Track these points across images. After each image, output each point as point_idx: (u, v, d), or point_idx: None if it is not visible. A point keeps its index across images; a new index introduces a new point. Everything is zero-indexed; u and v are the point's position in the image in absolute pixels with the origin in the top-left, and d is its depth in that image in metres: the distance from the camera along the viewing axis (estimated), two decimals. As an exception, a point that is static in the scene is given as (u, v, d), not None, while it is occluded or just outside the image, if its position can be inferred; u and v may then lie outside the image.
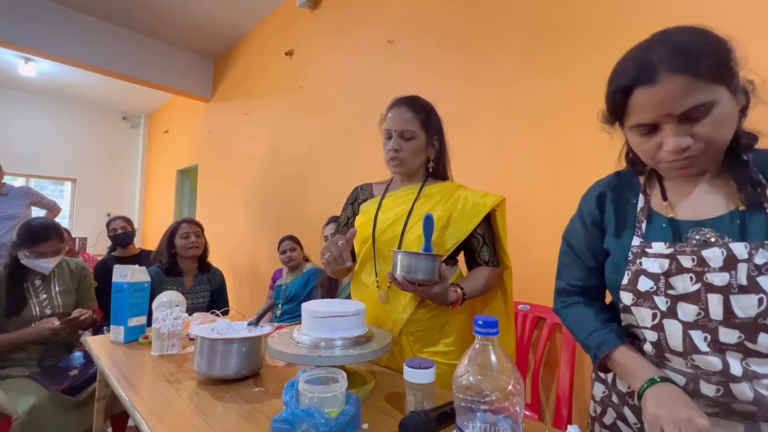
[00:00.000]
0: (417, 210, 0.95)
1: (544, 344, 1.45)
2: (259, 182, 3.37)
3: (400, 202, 0.99)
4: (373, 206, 1.01)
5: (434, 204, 0.95)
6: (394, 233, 0.94)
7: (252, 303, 3.32)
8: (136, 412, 0.71)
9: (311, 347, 0.75)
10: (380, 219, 0.97)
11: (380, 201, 1.01)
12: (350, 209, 1.10)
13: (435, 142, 1.00)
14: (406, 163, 0.97)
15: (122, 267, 1.18)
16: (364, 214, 1.02)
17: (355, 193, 1.11)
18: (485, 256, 0.97)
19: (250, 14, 3.40)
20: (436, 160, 1.02)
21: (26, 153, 5.07)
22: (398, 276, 0.80)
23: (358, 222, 1.02)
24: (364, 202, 1.07)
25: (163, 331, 1.02)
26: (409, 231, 0.93)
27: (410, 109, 0.97)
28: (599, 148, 1.41)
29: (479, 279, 0.94)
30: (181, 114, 5.01)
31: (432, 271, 0.79)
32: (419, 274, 0.79)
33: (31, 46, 3.11)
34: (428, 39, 2.06)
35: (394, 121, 0.97)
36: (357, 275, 1.03)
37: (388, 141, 0.99)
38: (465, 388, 0.40)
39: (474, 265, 0.99)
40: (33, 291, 1.48)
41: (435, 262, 0.80)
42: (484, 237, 0.97)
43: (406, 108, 0.97)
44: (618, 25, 1.39)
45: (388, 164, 1.00)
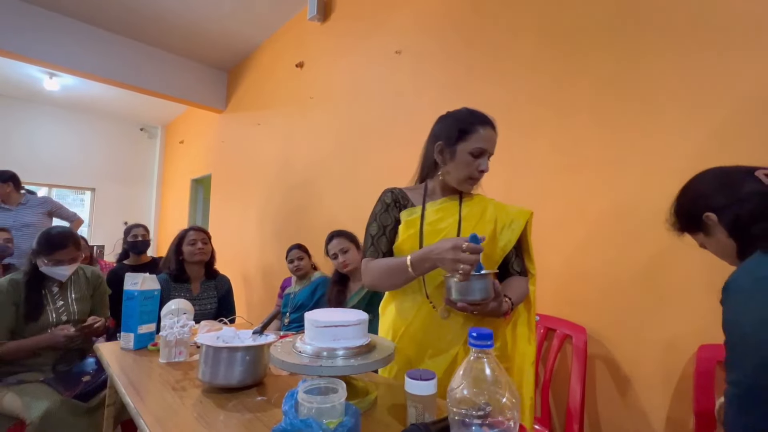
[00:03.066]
0: (466, 222, 0.94)
1: (554, 356, 1.41)
2: (270, 191, 3.42)
3: (444, 215, 0.96)
4: (415, 218, 0.96)
5: (479, 219, 0.95)
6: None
7: (262, 311, 3.34)
8: (140, 419, 0.72)
9: (313, 357, 0.75)
10: (427, 232, 0.93)
11: (422, 213, 0.97)
12: (395, 210, 1.00)
13: None
14: (480, 182, 0.98)
15: (133, 275, 1.21)
16: (408, 226, 0.96)
17: (392, 195, 1.01)
18: (517, 266, 1.00)
19: (262, 28, 3.49)
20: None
21: (49, 163, 5.26)
22: (455, 300, 0.81)
23: (403, 235, 0.96)
24: (404, 208, 1.00)
25: (170, 339, 1.04)
26: None
27: (496, 131, 0.95)
28: (607, 153, 1.40)
29: (520, 287, 0.95)
30: (195, 125, 5.14)
31: (488, 290, 0.80)
32: (476, 294, 0.80)
33: (56, 61, 3.26)
34: (435, 49, 2.08)
35: (490, 142, 0.93)
36: (401, 292, 0.98)
37: (473, 159, 0.92)
38: (458, 401, 0.40)
39: (506, 275, 1.00)
40: (50, 298, 1.53)
41: (489, 281, 0.81)
42: (516, 248, 0.99)
43: (493, 130, 0.95)
44: (624, 29, 1.38)
45: (466, 180, 0.95)
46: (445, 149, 0.95)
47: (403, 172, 2.16)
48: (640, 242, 1.30)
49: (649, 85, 1.31)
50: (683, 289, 1.20)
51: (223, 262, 2.18)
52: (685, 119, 1.23)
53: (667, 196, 1.26)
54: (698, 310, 1.17)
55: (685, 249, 1.16)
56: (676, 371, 1.20)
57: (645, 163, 1.31)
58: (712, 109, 1.18)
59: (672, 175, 1.24)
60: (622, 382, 1.31)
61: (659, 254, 1.25)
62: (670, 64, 1.27)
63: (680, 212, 0.85)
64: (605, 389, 1.35)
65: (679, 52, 1.26)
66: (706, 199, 0.80)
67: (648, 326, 1.26)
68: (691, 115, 1.22)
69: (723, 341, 0.69)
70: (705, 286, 1.15)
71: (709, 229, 0.80)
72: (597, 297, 1.39)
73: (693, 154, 1.20)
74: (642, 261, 1.29)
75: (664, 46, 1.29)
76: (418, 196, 1.01)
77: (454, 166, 0.94)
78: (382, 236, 0.98)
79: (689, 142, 1.22)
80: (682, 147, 1.23)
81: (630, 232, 1.32)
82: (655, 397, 1.24)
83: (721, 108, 1.17)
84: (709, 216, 0.78)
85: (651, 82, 1.31)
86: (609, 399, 1.34)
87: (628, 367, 1.31)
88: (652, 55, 1.31)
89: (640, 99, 1.33)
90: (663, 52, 1.29)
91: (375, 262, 0.95)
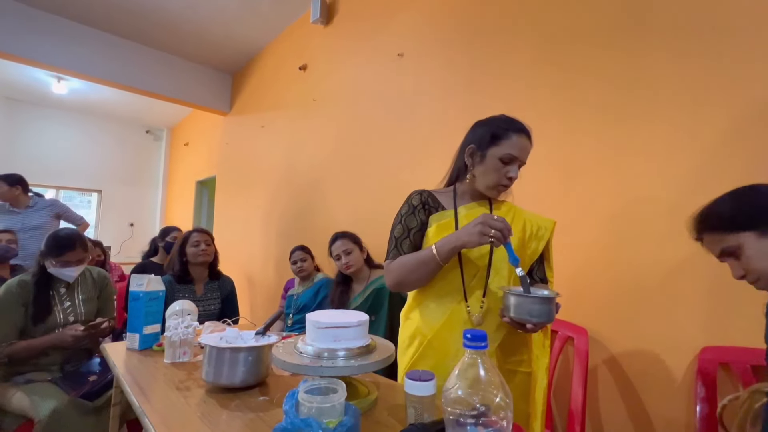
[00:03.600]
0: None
1: (556, 358, 1.42)
2: (274, 193, 3.44)
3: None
4: (449, 221, 0.94)
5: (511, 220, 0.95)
6: (481, 251, 0.91)
7: (265, 312, 3.36)
8: (145, 418, 0.74)
9: (314, 357, 0.76)
10: None
11: (455, 215, 0.95)
12: (422, 213, 0.97)
13: None
14: (509, 189, 0.96)
15: (138, 276, 1.23)
16: (440, 229, 0.93)
17: (420, 198, 0.98)
18: (539, 274, 1.00)
19: (266, 31, 3.52)
20: None
21: (57, 166, 5.34)
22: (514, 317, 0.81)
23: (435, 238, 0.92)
24: (433, 211, 0.98)
25: (175, 340, 1.06)
26: (498, 249, 0.90)
27: (530, 140, 0.93)
28: (611, 155, 1.40)
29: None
30: (200, 127, 5.19)
31: (550, 314, 0.80)
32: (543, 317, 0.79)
33: (63, 65, 3.31)
34: (438, 51, 2.09)
35: (523, 151, 0.91)
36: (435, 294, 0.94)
37: (503, 165, 0.90)
38: (453, 401, 0.41)
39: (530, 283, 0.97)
40: (58, 299, 1.55)
41: (551, 306, 0.81)
42: (542, 257, 1.00)
43: (528, 139, 0.93)
44: (627, 29, 1.38)
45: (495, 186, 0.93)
46: (476, 153, 0.94)
47: (406, 173, 2.18)
48: (643, 244, 1.30)
49: (655, 85, 1.31)
50: (686, 290, 1.20)
51: (227, 264, 2.20)
52: (692, 120, 1.23)
53: (671, 196, 1.26)
54: (701, 311, 1.17)
55: (688, 250, 1.17)
56: (679, 373, 1.20)
57: (649, 164, 1.31)
58: (718, 108, 1.18)
59: (677, 176, 1.25)
60: (624, 384, 1.31)
61: (662, 255, 1.25)
62: (675, 64, 1.27)
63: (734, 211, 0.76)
64: (607, 391, 1.35)
65: (683, 52, 1.26)
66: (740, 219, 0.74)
67: (650, 328, 1.26)
68: (697, 116, 1.22)
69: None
70: (708, 287, 1.15)
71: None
72: (598, 298, 1.39)
73: (700, 155, 1.20)
74: (644, 262, 1.29)
75: (669, 45, 1.29)
76: (448, 199, 0.99)
77: (484, 170, 0.92)
78: (406, 239, 0.96)
79: (696, 142, 1.21)
80: (689, 147, 1.23)
81: (633, 233, 1.32)
82: (658, 399, 1.24)
83: (727, 108, 1.16)
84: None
85: (656, 81, 1.31)
86: (611, 401, 1.34)
87: (630, 369, 1.30)
88: (656, 54, 1.31)
89: (645, 99, 1.33)
90: (668, 51, 1.29)
91: (397, 260, 0.93)
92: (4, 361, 1.40)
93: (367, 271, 1.77)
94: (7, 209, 2.79)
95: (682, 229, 1.21)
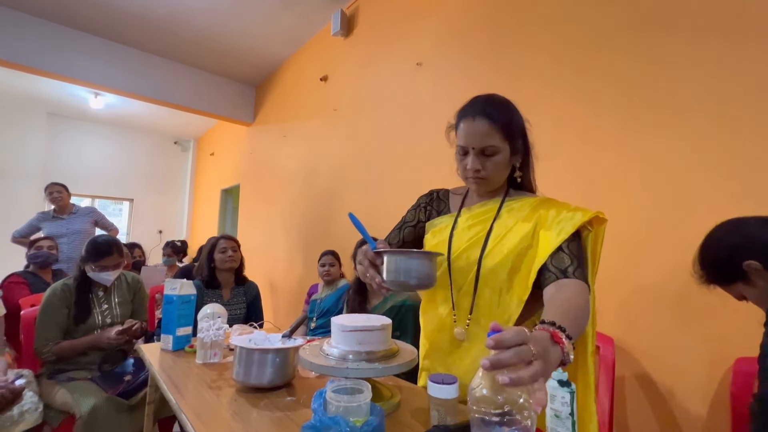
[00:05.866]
0: (496, 231, 0.81)
1: (581, 367, 1.39)
2: (296, 200, 3.53)
3: (476, 221, 0.85)
4: (447, 225, 0.88)
5: (515, 223, 0.80)
6: (470, 259, 0.81)
7: (287, 317, 3.43)
8: (182, 414, 0.78)
9: (339, 359, 0.79)
10: (455, 241, 0.84)
11: (455, 219, 0.88)
12: (422, 212, 0.95)
13: (520, 147, 0.83)
14: (491, 181, 0.82)
15: (172, 281, 1.30)
16: (435, 235, 0.89)
17: (429, 197, 0.96)
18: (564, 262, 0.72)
19: (289, 44, 3.65)
20: (523, 166, 0.85)
21: (92, 176, 5.66)
22: (387, 282, 0.73)
23: (429, 243, 0.89)
24: (439, 215, 0.94)
25: (207, 341, 1.11)
26: (488, 257, 0.79)
27: (488, 118, 0.77)
28: (633, 158, 1.38)
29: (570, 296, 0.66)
30: (225, 137, 5.39)
31: (423, 274, 0.70)
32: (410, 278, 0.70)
33: (101, 81, 3.55)
34: (456, 60, 2.11)
35: (469, 137, 0.78)
36: (430, 303, 0.91)
37: (463, 158, 0.81)
38: (478, 400, 0.42)
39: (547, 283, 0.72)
40: (96, 301, 1.65)
41: (427, 262, 0.71)
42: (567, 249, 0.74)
43: (482, 119, 0.77)
44: (650, 32, 1.37)
45: (465, 180, 0.85)
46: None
47: (425, 180, 2.20)
48: (671, 250, 1.26)
49: (675, 88, 1.29)
50: (717, 297, 1.16)
51: (250, 269, 2.27)
52: (719, 124, 1.20)
53: (699, 202, 1.23)
54: (735, 319, 1.13)
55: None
56: (711, 386, 1.16)
57: (673, 167, 1.28)
58: (747, 112, 1.15)
59: (701, 179, 1.22)
60: (653, 396, 1.27)
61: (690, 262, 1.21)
62: (700, 66, 1.25)
63: (714, 264, 0.87)
64: (636, 403, 1.31)
65: (708, 54, 1.24)
66: (744, 248, 0.80)
67: (680, 337, 1.23)
68: (724, 120, 1.19)
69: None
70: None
71: (751, 277, 0.81)
72: (625, 307, 1.36)
73: (727, 160, 1.17)
74: (672, 269, 1.25)
75: (693, 47, 1.27)
76: (458, 201, 0.93)
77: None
78: (397, 230, 0.97)
79: (723, 148, 1.19)
80: (717, 153, 1.20)
81: (660, 240, 1.30)
82: (690, 413, 1.19)
83: (756, 112, 1.13)
84: (750, 264, 0.79)
85: (676, 84, 1.29)
86: (640, 414, 1.30)
87: (659, 380, 1.27)
88: (680, 56, 1.30)
89: (665, 103, 1.31)
90: (692, 53, 1.27)
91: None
92: (52, 359, 1.50)
93: None
94: (52, 216, 2.98)
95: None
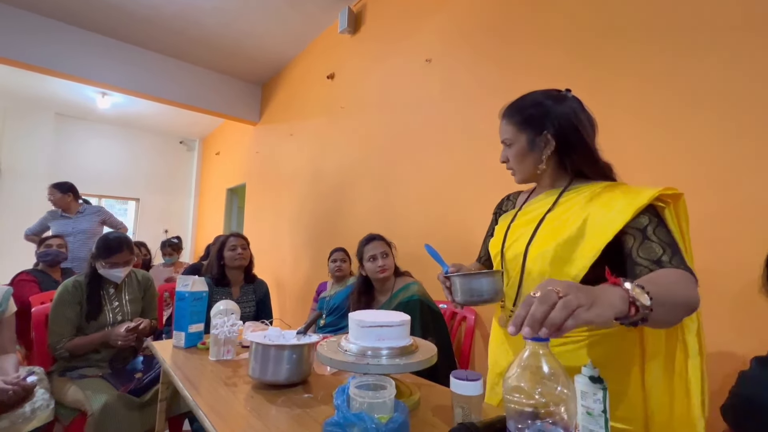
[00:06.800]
0: (549, 222, 0.80)
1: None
2: (302, 199, 3.52)
3: (533, 215, 0.86)
4: (509, 218, 0.92)
5: (566, 211, 0.78)
6: (517, 251, 0.82)
7: (294, 315, 3.42)
8: (199, 410, 0.77)
9: (358, 355, 0.77)
10: (510, 234, 0.87)
11: (516, 212, 0.91)
12: (494, 221, 1.02)
13: (548, 137, 0.81)
14: (516, 171, 0.88)
15: (184, 277, 1.29)
16: (498, 232, 0.93)
17: (499, 204, 1.04)
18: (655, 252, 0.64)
19: (295, 42, 3.64)
20: (570, 156, 0.81)
21: (99, 175, 5.68)
22: (460, 301, 0.79)
23: (494, 241, 0.93)
24: (504, 213, 0.99)
25: (220, 338, 1.10)
26: (533, 247, 0.79)
27: (504, 116, 0.90)
28: (651, 155, 1.35)
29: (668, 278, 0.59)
30: (231, 137, 5.39)
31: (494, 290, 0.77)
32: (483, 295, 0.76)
33: (108, 81, 3.56)
34: (465, 56, 2.09)
35: (500, 133, 0.90)
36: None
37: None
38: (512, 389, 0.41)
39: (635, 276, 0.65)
40: (107, 299, 1.65)
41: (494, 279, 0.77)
42: (646, 231, 0.67)
43: (502, 117, 0.90)
44: (665, 25, 1.35)
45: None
46: None
47: (433, 178, 2.18)
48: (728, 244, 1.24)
49: (693, 84, 1.27)
50: (731, 293, 1.14)
51: (257, 268, 2.26)
52: (737, 119, 1.18)
53: (719, 198, 1.21)
54: (751, 316, 1.10)
55: (734, 253, 1.11)
56: (726, 385, 1.13)
57: (691, 164, 1.26)
58: (761, 108, 1.13)
59: (720, 176, 1.19)
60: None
61: (706, 258, 1.19)
62: (714, 63, 1.22)
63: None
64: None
65: (724, 50, 1.21)
66: None
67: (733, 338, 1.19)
68: (743, 115, 1.16)
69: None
70: (757, 290, 1.09)
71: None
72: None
73: (746, 156, 1.15)
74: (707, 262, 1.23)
75: (712, 41, 1.24)
76: (524, 197, 0.96)
77: None
78: (483, 243, 1.04)
79: (742, 143, 1.16)
80: (735, 148, 1.17)
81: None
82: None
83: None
84: None
85: (695, 80, 1.27)
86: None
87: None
88: (697, 50, 1.27)
89: (687, 98, 1.29)
90: (708, 50, 1.25)
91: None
92: (65, 355, 1.50)
93: (392, 280, 1.67)
94: (60, 215, 2.99)
95: (726, 231, 1.16)
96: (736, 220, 1.16)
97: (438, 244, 2.10)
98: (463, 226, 1.99)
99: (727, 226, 1.17)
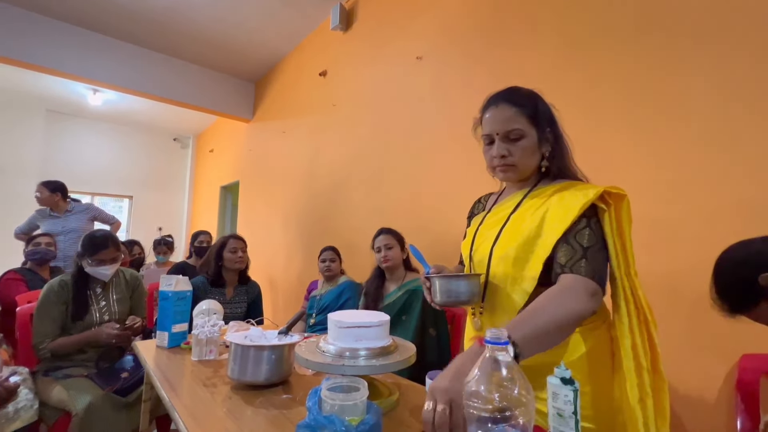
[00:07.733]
0: (512, 223, 0.79)
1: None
2: (295, 197, 3.51)
3: (499, 216, 0.84)
4: (478, 221, 0.91)
5: (527, 211, 0.78)
6: (484, 252, 0.82)
7: (286, 313, 3.41)
8: (175, 413, 0.76)
9: (336, 356, 0.77)
10: (478, 236, 0.86)
11: (485, 215, 0.90)
12: (468, 224, 1.00)
13: (549, 136, 0.81)
14: (520, 167, 0.80)
15: (168, 277, 1.28)
16: (468, 234, 0.92)
17: (472, 207, 1.02)
18: (565, 257, 0.69)
19: (287, 39, 3.61)
20: (551, 157, 0.82)
21: (92, 173, 5.63)
22: (440, 303, 0.79)
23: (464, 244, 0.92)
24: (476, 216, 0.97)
25: (202, 338, 1.09)
26: (497, 248, 0.79)
27: (511, 104, 0.80)
28: (637, 158, 1.35)
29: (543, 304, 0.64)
30: (224, 134, 5.36)
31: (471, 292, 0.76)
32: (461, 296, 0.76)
33: (99, 78, 3.51)
34: (456, 54, 2.08)
35: (494, 123, 0.80)
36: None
37: (489, 147, 0.82)
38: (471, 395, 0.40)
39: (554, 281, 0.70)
40: (94, 298, 1.63)
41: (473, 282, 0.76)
42: (575, 238, 0.70)
43: (506, 104, 0.80)
44: (653, 28, 1.34)
45: (492, 172, 0.85)
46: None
47: (425, 175, 2.18)
48: (674, 243, 1.24)
49: (680, 90, 1.26)
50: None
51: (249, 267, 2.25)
52: (725, 120, 1.17)
53: (706, 198, 1.21)
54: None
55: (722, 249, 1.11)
56: (716, 382, 1.14)
57: (676, 168, 1.26)
58: (754, 107, 1.12)
59: (705, 180, 1.19)
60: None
61: (695, 253, 1.19)
62: (700, 68, 1.22)
63: (728, 287, 0.80)
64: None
65: (710, 56, 1.21)
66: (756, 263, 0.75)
67: (682, 331, 1.20)
68: (731, 115, 1.16)
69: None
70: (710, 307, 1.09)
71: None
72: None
73: (735, 157, 1.15)
74: (676, 262, 1.23)
75: (699, 43, 1.24)
76: (494, 199, 0.95)
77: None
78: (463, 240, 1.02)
79: (731, 143, 1.16)
80: (723, 149, 1.17)
81: (660, 235, 1.27)
82: (693, 411, 1.17)
83: (755, 115, 1.11)
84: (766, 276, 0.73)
85: (681, 86, 1.26)
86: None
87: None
88: (685, 52, 1.27)
89: (674, 100, 1.28)
90: (697, 49, 1.24)
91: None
92: (47, 355, 1.49)
93: (402, 272, 1.79)
94: (49, 214, 2.97)
95: (713, 229, 1.16)
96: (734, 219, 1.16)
97: (428, 242, 2.10)
98: (454, 224, 1.98)
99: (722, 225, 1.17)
